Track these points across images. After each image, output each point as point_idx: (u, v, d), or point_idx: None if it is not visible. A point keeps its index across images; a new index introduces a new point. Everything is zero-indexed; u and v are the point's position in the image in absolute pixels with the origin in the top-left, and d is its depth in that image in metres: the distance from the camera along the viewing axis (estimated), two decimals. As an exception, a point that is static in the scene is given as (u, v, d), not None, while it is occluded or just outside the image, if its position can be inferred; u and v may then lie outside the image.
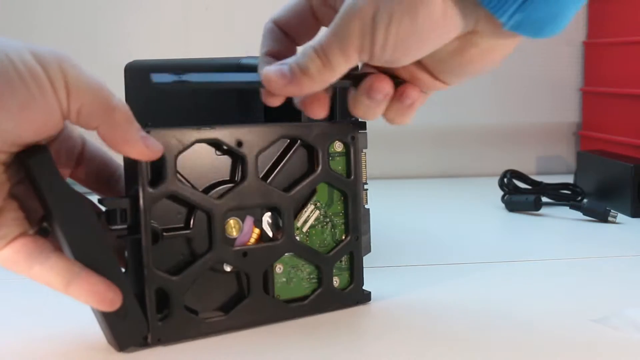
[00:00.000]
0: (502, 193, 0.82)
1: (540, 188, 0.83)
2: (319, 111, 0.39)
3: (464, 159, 1.09)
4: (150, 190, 0.38)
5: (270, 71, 0.37)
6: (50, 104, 0.34)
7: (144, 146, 0.36)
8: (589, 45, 1.08)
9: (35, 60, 0.33)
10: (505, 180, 0.82)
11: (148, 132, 0.37)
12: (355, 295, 0.46)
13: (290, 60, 0.37)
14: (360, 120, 0.45)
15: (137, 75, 0.62)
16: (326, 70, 0.36)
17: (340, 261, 0.46)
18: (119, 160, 0.41)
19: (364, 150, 0.46)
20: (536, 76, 1.10)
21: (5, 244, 0.36)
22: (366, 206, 0.47)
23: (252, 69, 0.49)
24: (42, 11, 1.00)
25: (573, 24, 1.12)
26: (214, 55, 0.58)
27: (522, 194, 0.80)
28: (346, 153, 0.46)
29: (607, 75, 1.02)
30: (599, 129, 1.04)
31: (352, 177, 0.46)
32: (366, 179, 0.47)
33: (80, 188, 0.39)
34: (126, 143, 0.36)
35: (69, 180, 0.39)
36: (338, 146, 0.45)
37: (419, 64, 0.37)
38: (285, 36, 0.40)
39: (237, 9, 1.03)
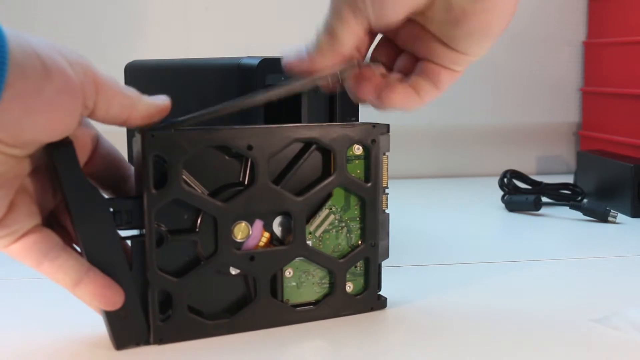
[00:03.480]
0: (502, 193, 0.82)
1: (540, 188, 0.83)
2: (368, 91, 0.40)
3: (464, 159, 1.09)
4: (154, 192, 0.38)
5: (289, 55, 0.40)
6: (74, 106, 0.34)
7: (159, 114, 0.38)
8: (589, 45, 1.08)
9: (64, 60, 0.33)
10: (505, 180, 0.82)
11: (153, 135, 0.38)
12: (369, 301, 0.45)
13: (308, 42, 0.40)
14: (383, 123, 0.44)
15: (137, 75, 0.62)
16: (334, 42, 0.39)
17: (355, 266, 0.45)
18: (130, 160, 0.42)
19: (386, 154, 0.44)
20: (536, 76, 1.10)
21: (16, 238, 0.36)
22: (386, 211, 0.45)
23: (252, 69, 0.50)
24: (43, 11, 1.00)
25: (573, 24, 1.12)
26: (214, 55, 0.58)
27: (522, 194, 0.80)
28: (365, 157, 0.44)
29: (607, 75, 1.02)
30: (599, 129, 1.04)
31: (371, 182, 0.44)
32: (387, 183, 0.45)
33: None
34: (146, 121, 0.38)
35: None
36: (357, 149, 0.43)
37: (433, 38, 0.38)
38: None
39: (237, 9, 1.03)
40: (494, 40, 0.38)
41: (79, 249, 0.38)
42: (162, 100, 0.38)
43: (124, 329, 0.38)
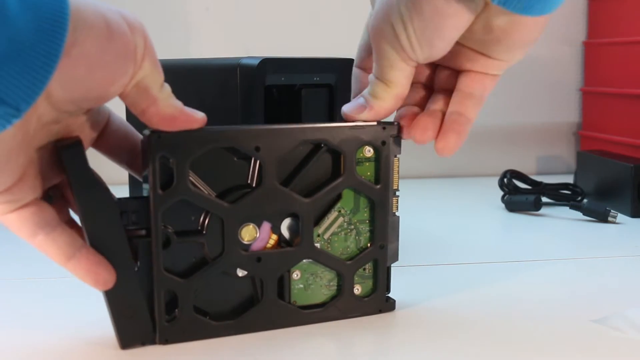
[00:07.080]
0: (502, 193, 0.82)
1: (540, 188, 0.83)
2: (425, 135, 0.44)
3: (464, 159, 1.09)
4: (160, 193, 0.38)
5: (349, 107, 0.43)
6: (128, 70, 0.35)
7: (188, 122, 0.38)
8: (589, 45, 1.08)
9: (125, 23, 0.35)
10: (505, 180, 0.82)
11: (159, 136, 0.37)
12: (377, 303, 0.45)
13: (364, 92, 0.42)
14: (394, 123, 0.43)
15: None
16: (390, 88, 0.41)
17: (364, 269, 0.44)
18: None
19: (397, 156, 0.44)
20: (536, 76, 1.10)
21: (16, 207, 0.36)
22: (397, 213, 0.45)
23: (252, 69, 0.50)
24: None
25: (573, 24, 1.12)
26: (214, 55, 0.58)
27: (522, 194, 0.80)
28: (376, 159, 0.43)
29: (607, 75, 1.02)
30: (599, 129, 1.04)
31: (381, 184, 0.43)
32: (398, 185, 0.45)
33: (103, 159, 0.40)
34: (163, 123, 0.37)
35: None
36: (367, 151, 0.43)
37: (472, 51, 0.40)
38: (367, 73, 0.44)
39: (238, 9, 1.03)
40: (532, 46, 0.40)
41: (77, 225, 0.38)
42: (194, 113, 0.38)
43: (130, 328, 0.39)
